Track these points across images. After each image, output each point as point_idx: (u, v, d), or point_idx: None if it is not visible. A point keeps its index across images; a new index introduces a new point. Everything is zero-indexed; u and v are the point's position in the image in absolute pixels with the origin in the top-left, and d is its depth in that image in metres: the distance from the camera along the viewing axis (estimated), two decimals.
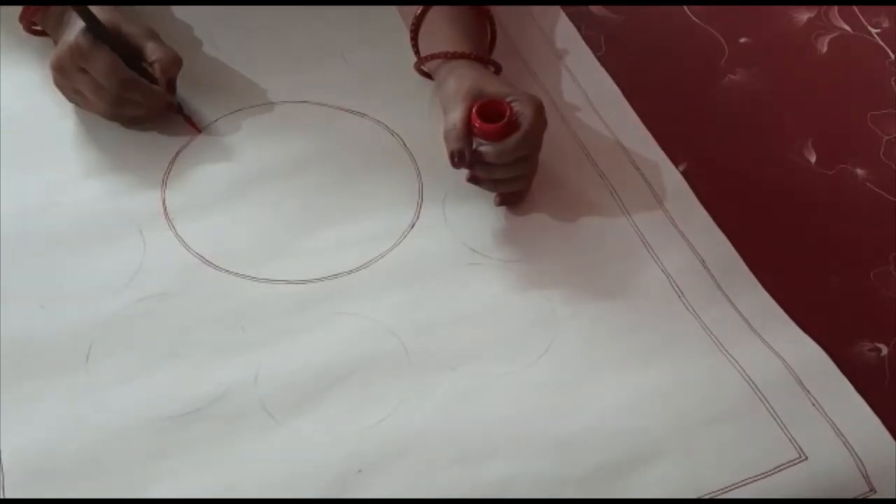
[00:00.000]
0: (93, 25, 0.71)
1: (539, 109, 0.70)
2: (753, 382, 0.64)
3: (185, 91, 0.78)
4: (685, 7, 0.93)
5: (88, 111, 0.75)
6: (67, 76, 0.72)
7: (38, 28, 0.78)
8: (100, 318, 0.65)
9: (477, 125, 0.68)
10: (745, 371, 0.64)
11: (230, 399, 0.62)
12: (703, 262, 0.71)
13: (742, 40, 0.91)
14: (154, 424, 0.60)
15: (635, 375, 0.64)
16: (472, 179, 0.70)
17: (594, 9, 0.93)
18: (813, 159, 0.81)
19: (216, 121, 0.78)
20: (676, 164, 0.79)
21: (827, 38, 0.92)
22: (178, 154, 0.75)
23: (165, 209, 0.72)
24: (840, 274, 0.73)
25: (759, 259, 0.72)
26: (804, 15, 0.94)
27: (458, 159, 0.68)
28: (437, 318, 0.67)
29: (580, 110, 0.82)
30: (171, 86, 0.75)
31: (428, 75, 0.79)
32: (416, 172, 0.76)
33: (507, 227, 0.73)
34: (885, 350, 0.68)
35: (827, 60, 0.90)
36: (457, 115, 0.69)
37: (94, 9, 0.71)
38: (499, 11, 0.85)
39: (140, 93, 0.73)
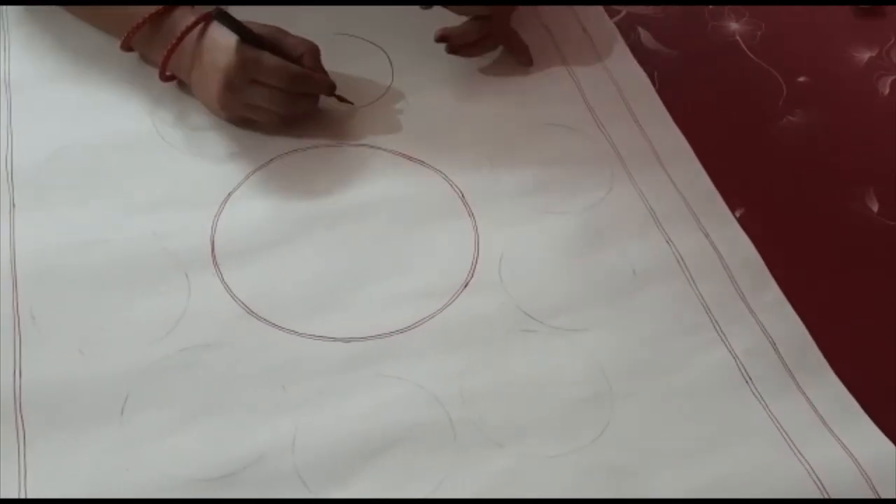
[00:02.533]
0: (247, 35, 0.72)
1: None
2: (824, 486, 0.59)
3: (237, 130, 0.77)
4: (740, 41, 0.90)
5: (258, 123, 0.76)
6: (239, 92, 0.72)
7: (170, 75, 0.77)
8: (139, 368, 0.62)
9: None
10: (815, 472, 0.60)
11: (265, 464, 0.59)
12: (773, 343, 0.67)
13: (801, 79, 0.87)
14: (186, 487, 0.58)
15: (695, 468, 0.60)
16: (442, 38, 0.78)
17: (646, 41, 0.90)
18: (875, 208, 0.77)
19: (271, 161, 0.76)
20: (733, 209, 0.75)
21: (889, 80, 0.88)
22: (230, 195, 0.73)
23: (214, 253, 0.70)
24: None
25: (817, 321, 0.68)
26: (865, 54, 0.90)
27: None
28: (485, 388, 0.64)
29: (649, 167, 0.79)
30: (319, 64, 0.76)
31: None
32: (473, 227, 0.73)
33: (566, 291, 0.69)
34: None
35: (889, 103, 0.87)
36: None
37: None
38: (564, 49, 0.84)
39: (310, 83, 0.75)
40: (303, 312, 0.67)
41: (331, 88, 0.76)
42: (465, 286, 0.69)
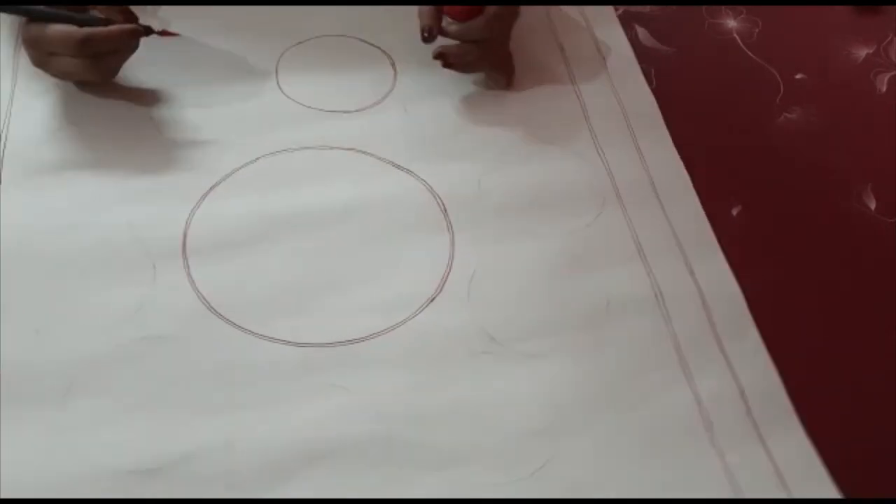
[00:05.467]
0: (35, 14, 0.71)
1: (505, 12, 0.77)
2: None
3: (229, 125, 0.77)
4: (738, 38, 0.89)
5: (87, 81, 0.76)
6: (46, 66, 0.73)
7: None
8: (89, 353, 0.62)
9: (446, 9, 0.77)
10: None
11: (196, 462, 0.58)
12: (742, 391, 0.63)
13: (798, 76, 0.86)
14: (112, 476, 0.57)
15: None
16: (439, 56, 0.77)
17: (643, 39, 0.88)
18: (872, 206, 0.75)
19: (258, 158, 0.76)
20: (729, 207, 0.74)
21: (887, 77, 0.86)
22: (211, 189, 0.73)
23: (184, 247, 0.69)
24: None
25: (812, 317, 0.67)
26: (862, 51, 0.89)
27: (427, 34, 0.75)
28: (433, 408, 0.62)
29: (643, 198, 0.76)
30: (129, 17, 0.75)
31: None
32: (451, 242, 0.71)
33: (533, 316, 0.67)
34: None
35: (886, 100, 0.85)
36: None
37: None
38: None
39: (107, 40, 0.72)
40: (263, 314, 0.66)
41: (139, 34, 0.74)
42: (431, 301, 0.68)
